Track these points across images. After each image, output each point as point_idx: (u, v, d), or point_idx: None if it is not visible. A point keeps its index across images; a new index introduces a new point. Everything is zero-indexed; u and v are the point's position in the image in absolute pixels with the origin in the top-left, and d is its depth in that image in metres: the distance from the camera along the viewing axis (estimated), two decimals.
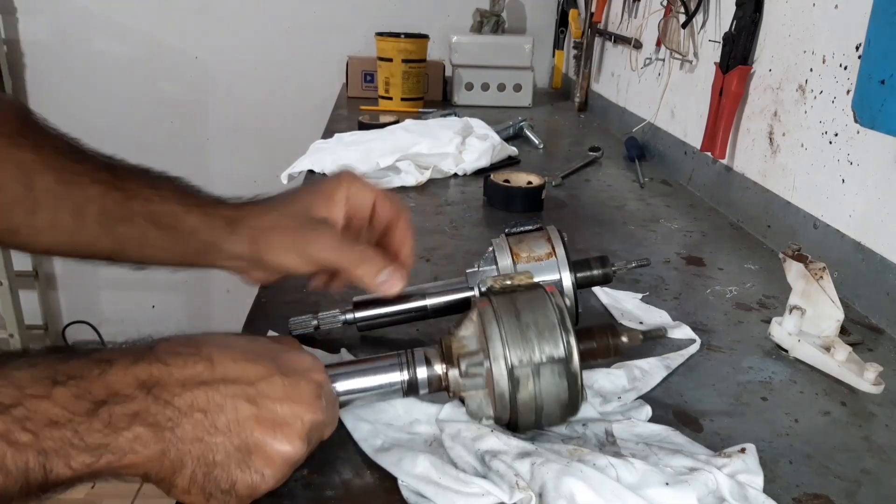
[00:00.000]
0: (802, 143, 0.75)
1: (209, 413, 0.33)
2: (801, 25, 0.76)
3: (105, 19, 1.76)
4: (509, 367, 0.38)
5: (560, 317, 0.39)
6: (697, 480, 0.36)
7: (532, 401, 0.39)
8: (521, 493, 0.35)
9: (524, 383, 0.38)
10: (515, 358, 0.38)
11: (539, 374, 0.38)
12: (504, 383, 0.38)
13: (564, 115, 1.57)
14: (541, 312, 0.40)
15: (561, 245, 0.51)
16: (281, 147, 1.46)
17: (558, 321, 0.39)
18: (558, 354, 0.38)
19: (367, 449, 0.40)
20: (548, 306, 0.40)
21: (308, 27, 1.83)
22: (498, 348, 0.39)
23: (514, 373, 0.38)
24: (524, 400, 0.39)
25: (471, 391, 0.41)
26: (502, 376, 0.38)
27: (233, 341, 0.36)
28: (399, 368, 0.41)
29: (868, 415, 0.48)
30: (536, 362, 0.38)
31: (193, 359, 0.34)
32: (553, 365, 0.38)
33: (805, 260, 0.54)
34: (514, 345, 0.39)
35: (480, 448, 0.38)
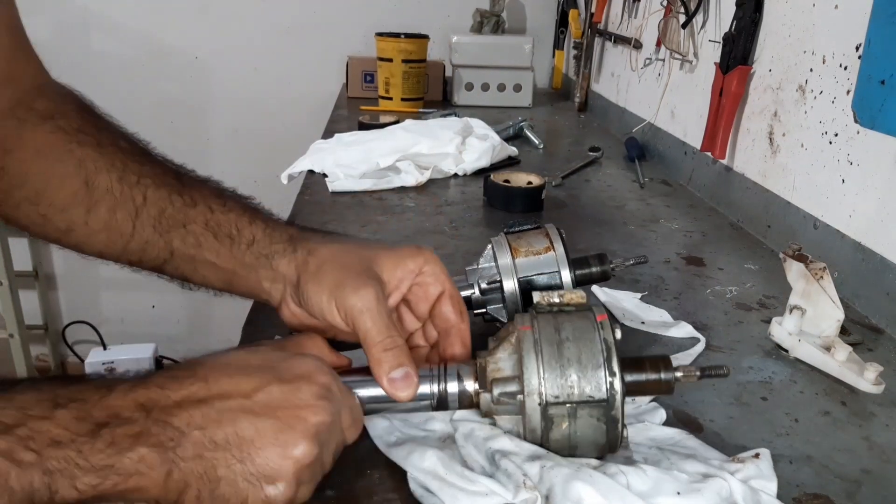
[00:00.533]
0: (802, 144, 0.75)
1: (207, 430, 0.32)
2: (801, 25, 0.76)
3: (105, 19, 1.76)
4: (543, 404, 0.36)
5: (606, 355, 0.36)
6: (710, 489, 0.35)
7: (566, 440, 0.37)
8: (528, 492, 0.35)
9: (558, 423, 0.36)
10: (552, 395, 0.36)
11: (576, 415, 0.36)
12: (537, 420, 0.36)
13: (564, 116, 1.57)
14: (586, 347, 0.36)
15: (559, 241, 0.51)
16: (281, 147, 1.46)
17: (604, 360, 0.36)
18: (599, 396, 0.35)
19: (380, 445, 0.41)
20: (595, 340, 0.37)
21: (308, 27, 1.83)
22: (534, 382, 0.36)
23: (548, 411, 0.36)
24: (557, 439, 0.37)
25: (503, 416, 0.39)
26: (535, 412, 0.36)
27: (230, 357, 0.36)
28: (430, 381, 0.39)
29: (868, 415, 0.48)
30: (574, 402, 0.36)
31: (189, 380, 0.33)
32: (592, 408, 0.36)
33: (805, 260, 0.54)
34: (551, 381, 0.36)
35: (492, 447, 0.38)
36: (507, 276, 0.50)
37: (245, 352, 0.37)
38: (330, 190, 0.92)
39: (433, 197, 0.93)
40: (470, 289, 0.51)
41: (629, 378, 0.38)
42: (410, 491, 0.37)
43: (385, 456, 0.40)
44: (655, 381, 0.38)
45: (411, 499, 0.37)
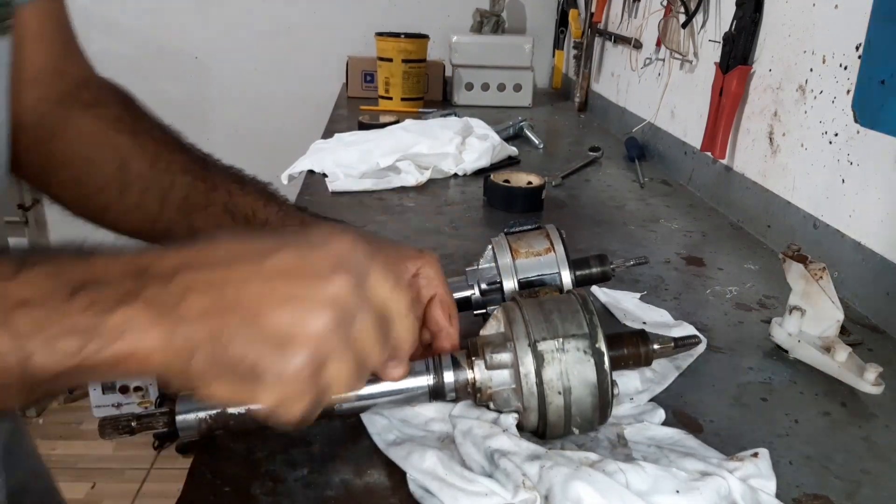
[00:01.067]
0: (802, 143, 0.75)
1: (209, 293, 0.27)
2: (801, 25, 0.76)
3: (105, 19, 1.76)
4: (532, 343, 0.38)
5: (582, 302, 0.40)
6: (709, 487, 0.35)
7: (559, 380, 0.38)
8: (527, 492, 0.35)
9: (549, 359, 0.38)
10: (538, 335, 0.38)
11: (564, 349, 0.38)
12: (529, 361, 0.38)
13: (564, 116, 1.57)
14: (563, 302, 0.40)
15: (560, 242, 0.51)
16: (281, 147, 1.46)
17: (580, 305, 0.39)
18: (581, 332, 0.38)
19: (379, 443, 0.41)
20: (571, 298, 0.40)
21: (308, 27, 1.83)
22: (521, 329, 0.39)
23: (537, 348, 0.38)
24: (551, 379, 0.38)
25: (497, 387, 0.40)
26: (526, 353, 0.38)
27: None
28: (425, 372, 0.40)
29: (868, 415, 0.48)
30: (561, 337, 0.38)
31: (186, 247, 0.29)
32: (577, 341, 0.38)
33: (805, 260, 0.54)
34: (536, 324, 0.39)
35: (491, 446, 0.38)
36: (508, 277, 0.50)
37: None
38: (330, 190, 0.92)
39: (433, 197, 0.93)
40: (470, 289, 0.51)
41: (612, 353, 0.40)
42: (410, 492, 0.37)
43: (385, 456, 0.40)
44: (635, 354, 0.41)
45: (411, 499, 0.37)
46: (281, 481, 0.38)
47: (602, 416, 0.39)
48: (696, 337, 0.45)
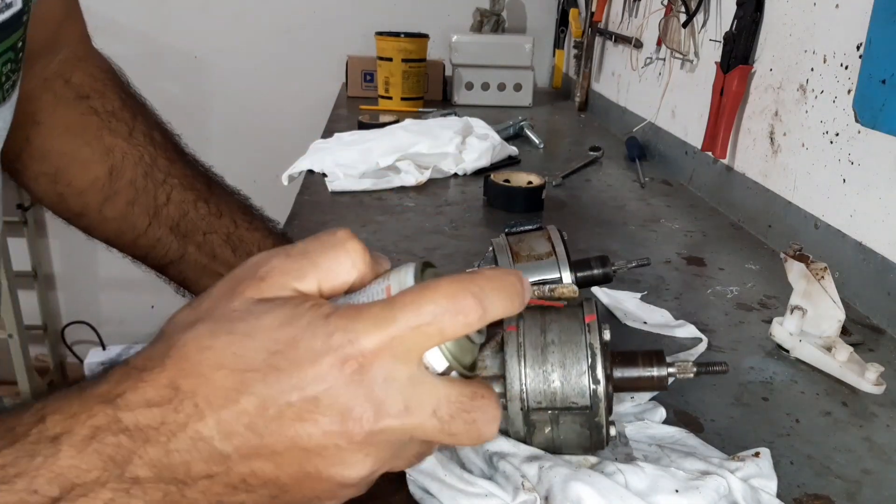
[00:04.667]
0: (803, 143, 0.75)
1: (216, 476, 0.23)
2: (802, 25, 0.76)
3: (104, 19, 1.76)
4: (525, 409, 0.35)
5: (591, 362, 0.35)
6: (708, 487, 0.35)
7: (549, 443, 0.37)
8: (527, 494, 0.35)
9: (541, 427, 0.36)
10: (534, 401, 0.35)
11: (558, 421, 0.36)
12: (519, 424, 0.36)
13: (565, 115, 1.57)
14: (570, 351, 0.35)
15: (561, 244, 0.51)
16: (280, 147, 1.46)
17: (588, 367, 0.35)
18: (582, 403, 0.35)
19: None
20: (580, 344, 0.35)
21: (308, 26, 1.83)
22: (516, 387, 0.35)
23: (530, 416, 0.36)
24: (540, 442, 0.37)
25: None
26: (517, 416, 0.36)
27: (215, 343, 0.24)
28: None
29: (869, 415, 0.48)
30: (557, 409, 0.35)
31: (172, 406, 0.23)
32: (574, 415, 0.35)
33: (806, 260, 0.54)
34: (534, 386, 0.35)
35: (489, 449, 0.38)
36: None
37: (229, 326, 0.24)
38: (329, 190, 0.92)
39: (433, 197, 0.93)
40: None
41: (620, 374, 0.37)
42: (410, 493, 0.37)
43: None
44: (648, 378, 0.37)
45: (411, 500, 0.37)
46: None
47: None
48: (723, 364, 0.38)
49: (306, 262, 0.26)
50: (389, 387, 0.23)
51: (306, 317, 0.24)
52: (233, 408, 0.23)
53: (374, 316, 0.24)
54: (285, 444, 0.23)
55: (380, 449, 0.24)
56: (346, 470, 0.24)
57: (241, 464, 0.23)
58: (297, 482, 0.24)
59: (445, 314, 0.24)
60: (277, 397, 0.23)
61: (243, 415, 0.23)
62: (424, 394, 0.24)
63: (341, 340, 0.23)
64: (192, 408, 0.23)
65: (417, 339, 0.24)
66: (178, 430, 0.23)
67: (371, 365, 0.23)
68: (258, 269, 0.25)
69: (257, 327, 0.24)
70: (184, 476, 0.23)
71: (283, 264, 0.25)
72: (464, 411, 0.25)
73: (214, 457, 0.23)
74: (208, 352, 0.23)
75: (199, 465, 0.23)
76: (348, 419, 0.23)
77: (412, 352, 0.24)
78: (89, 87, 0.44)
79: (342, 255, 0.26)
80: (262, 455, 0.23)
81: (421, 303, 0.24)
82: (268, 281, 0.25)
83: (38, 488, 0.21)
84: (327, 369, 0.23)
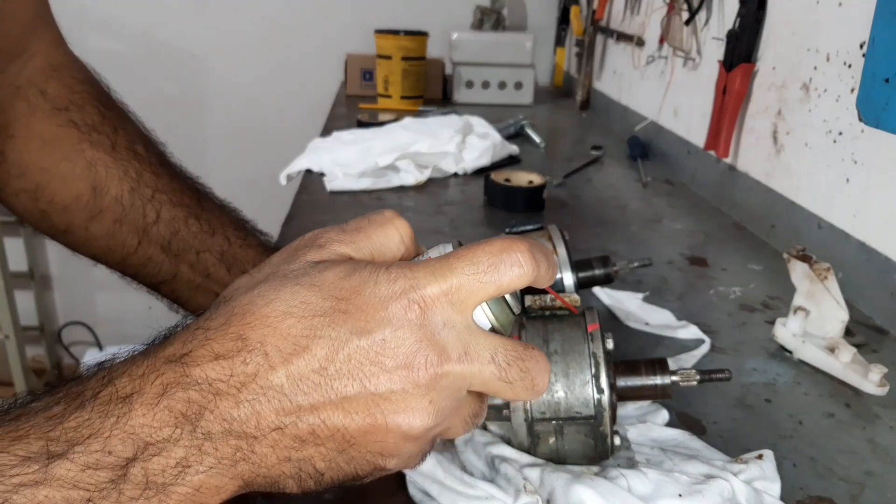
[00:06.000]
0: (807, 143, 0.75)
1: (286, 429, 0.23)
2: (805, 23, 0.75)
3: (101, 17, 1.76)
4: (529, 420, 0.36)
5: (595, 372, 0.35)
6: (712, 490, 0.35)
7: (554, 454, 0.37)
8: (528, 497, 0.35)
9: (545, 438, 0.36)
10: (538, 412, 0.35)
11: (562, 432, 0.36)
12: (523, 435, 0.36)
13: (566, 114, 1.57)
14: (574, 361, 0.35)
15: (562, 244, 0.50)
16: (279, 146, 1.46)
17: (592, 376, 0.35)
18: (587, 413, 0.35)
19: None
20: (584, 353, 0.35)
21: (306, 24, 1.82)
22: None
23: (534, 427, 0.36)
24: (545, 453, 0.37)
25: (494, 423, 0.39)
26: (521, 427, 0.36)
27: (281, 294, 0.24)
28: None
29: (872, 416, 0.48)
30: (561, 419, 0.35)
31: (241, 357, 0.23)
32: (579, 425, 0.35)
33: (809, 260, 0.53)
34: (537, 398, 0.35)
35: (491, 452, 0.38)
36: None
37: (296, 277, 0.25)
38: (328, 189, 0.91)
39: (433, 196, 0.92)
40: None
41: (623, 383, 0.37)
42: (410, 495, 0.37)
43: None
44: (651, 387, 0.37)
45: (411, 502, 0.37)
46: None
47: None
48: (726, 371, 0.38)
49: (361, 235, 0.27)
50: (450, 332, 0.24)
51: (367, 269, 0.25)
52: (303, 354, 0.23)
53: (433, 266, 0.25)
54: (355, 389, 0.23)
55: (441, 395, 0.24)
56: (411, 417, 0.24)
57: (311, 413, 0.23)
58: (364, 433, 0.24)
59: (501, 264, 0.25)
60: (346, 340, 0.23)
61: (313, 360, 0.23)
62: (482, 341, 0.25)
63: (404, 286, 0.24)
64: (262, 357, 0.23)
65: (473, 288, 0.25)
66: (248, 380, 0.23)
67: (432, 310, 0.24)
68: (316, 240, 0.27)
69: (322, 279, 0.24)
70: (254, 429, 0.23)
71: (340, 236, 0.27)
72: (519, 359, 0.26)
73: (285, 406, 0.23)
74: (275, 302, 0.24)
75: (269, 417, 0.23)
76: (414, 361, 0.24)
77: (468, 301, 0.25)
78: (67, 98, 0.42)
79: (391, 230, 0.28)
80: (331, 402, 0.23)
81: (477, 253, 0.25)
82: (326, 248, 0.26)
83: (112, 449, 0.21)
84: (393, 312, 0.24)
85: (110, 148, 0.41)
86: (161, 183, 0.42)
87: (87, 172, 0.41)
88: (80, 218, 0.41)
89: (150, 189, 0.41)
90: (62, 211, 0.41)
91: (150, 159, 0.43)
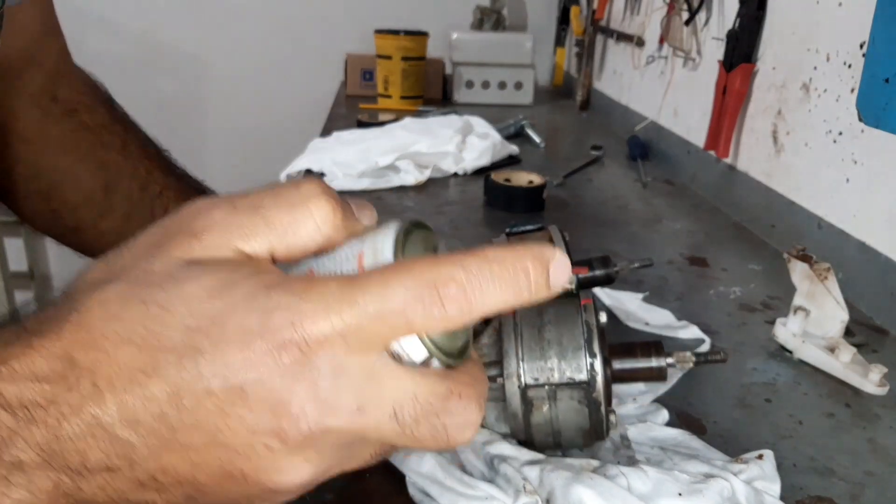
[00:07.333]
0: (807, 143, 0.75)
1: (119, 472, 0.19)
2: (806, 23, 0.75)
3: (101, 17, 1.76)
4: (522, 386, 0.36)
5: (587, 337, 0.36)
6: (712, 490, 0.35)
7: (548, 425, 0.37)
8: (528, 497, 0.34)
9: (538, 405, 0.36)
10: (530, 377, 0.36)
11: (556, 397, 0.36)
12: (516, 403, 0.36)
13: (566, 114, 1.57)
14: (567, 329, 0.36)
15: (563, 245, 0.50)
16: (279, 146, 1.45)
17: (584, 342, 0.35)
18: (580, 378, 0.35)
19: None
20: (577, 323, 0.36)
21: (306, 24, 1.82)
22: (512, 365, 0.36)
23: (527, 393, 0.36)
24: (538, 423, 0.37)
25: (489, 403, 0.39)
26: (514, 395, 0.36)
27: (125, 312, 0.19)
28: None
29: (873, 416, 0.48)
30: (554, 384, 0.35)
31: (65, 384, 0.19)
32: (572, 390, 0.35)
33: (810, 260, 0.53)
34: (530, 363, 0.36)
35: (490, 452, 0.38)
36: None
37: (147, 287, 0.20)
38: None
39: (433, 196, 0.92)
40: None
41: (619, 365, 0.37)
42: (409, 496, 0.37)
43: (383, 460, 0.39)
44: (647, 369, 0.37)
45: (411, 503, 0.37)
46: None
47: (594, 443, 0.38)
48: (721, 353, 0.40)
49: (258, 218, 0.21)
50: (339, 381, 0.19)
51: (243, 287, 0.19)
52: (139, 392, 0.19)
53: (328, 295, 0.19)
54: (203, 441, 0.19)
55: (323, 454, 0.20)
56: (280, 476, 0.20)
57: (150, 459, 0.19)
58: (219, 483, 0.20)
59: (418, 305, 0.19)
60: (194, 385, 0.19)
61: (152, 402, 0.19)
62: (385, 391, 0.20)
63: (282, 322, 0.19)
64: (90, 387, 0.19)
65: (379, 330, 0.19)
66: (72, 412, 0.19)
67: (316, 354, 0.19)
68: (193, 222, 0.21)
69: (179, 297, 0.19)
70: (78, 466, 0.19)
71: (227, 219, 0.21)
72: (432, 414, 0.20)
73: (116, 448, 0.19)
74: (115, 322, 0.19)
75: (96, 456, 0.19)
76: (283, 417, 0.19)
77: (372, 342, 0.20)
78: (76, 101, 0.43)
79: (303, 214, 0.21)
80: (174, 450, 0.19)
81: (389, 285, 0.19)
82: (203, 239, 0.20)
83: None
84: (259, 356, 0.19)
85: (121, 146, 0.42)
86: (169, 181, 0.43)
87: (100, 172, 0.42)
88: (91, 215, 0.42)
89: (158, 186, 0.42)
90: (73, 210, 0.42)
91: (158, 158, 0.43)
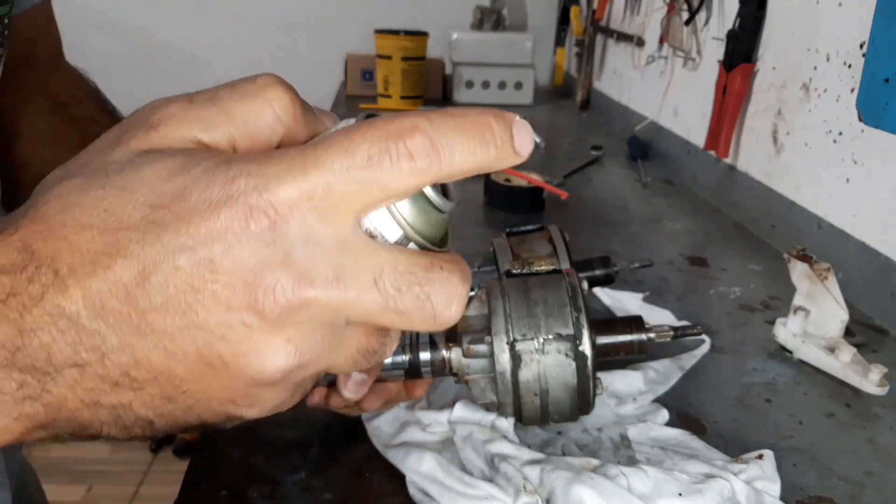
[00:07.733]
0: (807, 143, 0.75)
1: (88, 367, 0.18)
2: (805, 23, 0.75)
3: (101, 17, 1.76)
4: (511, 342, 0.36)
5: (572, 294, 0.37)
6: (712, 490, 0.35)
7: (536, 382, 0.36)
8: (528, 496, 0.35)
9: (527, 360, 0.36)
10: (518, 333, 0.36)
11: (544, 351, 0.36)
12: (505, 360, 0.36)
13: (566, 114, 1.57)
14: (552, 290, 0.37)
15: (563, 245, 0.50)
16: None
17: (569, 298, 0.36)
18: (566, 332, 0.36)
19: (377, 443, 0.40)
20: (560, 285, 0.37)
21: (306, 24, 1.82)
22: (500, 323, 0.36)
23: (515, 348, 0.36)
24: (526, 380, 0.36)
25: (474, 374, 0.39)
26: (503, 352, 0.36)
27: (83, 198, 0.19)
28: (401, 350, 0.38)
29: (872, 416, 0.48)
30: (542, 338, 0.36)
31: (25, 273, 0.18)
32: (560, 343, 0.36)
33: (810, 260, 0.53)
34: (518, 320, 0.36)
35: (491, 451, 0.38)
36: None
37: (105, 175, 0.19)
38: None
39: None
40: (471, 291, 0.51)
41: (602, 340, 0.38)
42: (409, 495, 0.37)
43: (383, 460, 0.39)
44: (628, 343, 0.38)
45: (411, 502, 0.37)
46: (279, 485, 0.38)
47: (582, 412, 0.38)
48: (697, 327, 0.41)
49: (216, 109, 0.20)
50: (313, 249, 0.18)
51: (203, 164, 0.18)
52: (103, 275, 0.18)
53: (291, 158, 0.18)
54: (176, 324, 0.18)
55: (304, 332, 0.19)
56: (260, 359, 0.18)
57: (121, 350, 0.18)
58: (198, 377, 0.19)
59: (385, 157, 0.18)
60: (161, 261, 0.18)
61: (118, 284, 0.18)
62: (362, 259, 0.19)
63: (245, 187, 0.18)
64: (51, 276, 0.18)
65: (348, 189, 0.18)
66: (33, 303, 0.18)
67: (287, 220, 0.18)
68: (150, 116, 0.20)
69: (138, 179, 0.18)
70: (44, 364, 0.18)
71: (184, 110, 0.20)
72: (415, 284, 0.19)
73: (83, 339, 0.18)
74: (74, 210, 0.18)
75: (63, 351, 0.18)
76: (257, 289, 0.18)
77: (343, 207, 0.18)
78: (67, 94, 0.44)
79: (260, 103, 0.20)
80: (145, 336, 0.18)
81: (353, 140, 0.18)
82: (160, 130, 0.19)
83: None
84: (226, 224, 0.18)
85: None
86: None
87: None
88: None
89: None
90: None
91: None
